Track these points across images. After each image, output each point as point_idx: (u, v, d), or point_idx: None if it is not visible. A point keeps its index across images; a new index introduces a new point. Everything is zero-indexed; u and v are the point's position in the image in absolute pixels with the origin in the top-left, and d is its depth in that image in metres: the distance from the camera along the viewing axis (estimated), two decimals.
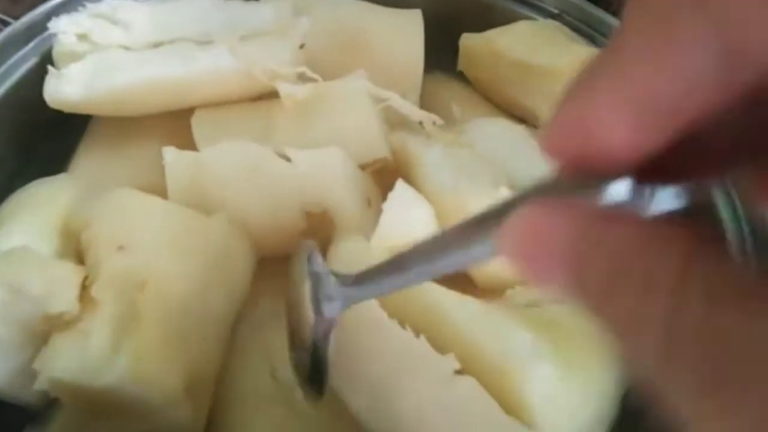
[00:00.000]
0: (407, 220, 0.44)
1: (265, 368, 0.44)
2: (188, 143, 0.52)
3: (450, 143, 0.52)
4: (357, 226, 0.46)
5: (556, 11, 0.64)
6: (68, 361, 0.38)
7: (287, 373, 0.38)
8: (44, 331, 0.41)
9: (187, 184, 0.49)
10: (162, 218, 0.44)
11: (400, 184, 0.44)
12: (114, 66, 0.52)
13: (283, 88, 0.52)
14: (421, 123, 0.54)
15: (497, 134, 0.54)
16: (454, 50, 0.65)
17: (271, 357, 0.45)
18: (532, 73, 0.58)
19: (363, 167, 0.51)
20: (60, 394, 0.39)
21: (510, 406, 0.36)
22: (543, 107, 0.57)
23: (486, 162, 0.49)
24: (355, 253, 0.44)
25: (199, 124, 0.53)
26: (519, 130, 0.54)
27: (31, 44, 0.58)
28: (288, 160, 0.47)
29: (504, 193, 0.42)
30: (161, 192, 0.49)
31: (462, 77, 0.67)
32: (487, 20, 0.64)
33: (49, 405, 0.43)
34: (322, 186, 0.47)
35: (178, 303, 0.41)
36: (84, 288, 0.42)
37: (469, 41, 0.64)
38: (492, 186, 0.45)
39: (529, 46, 0.59)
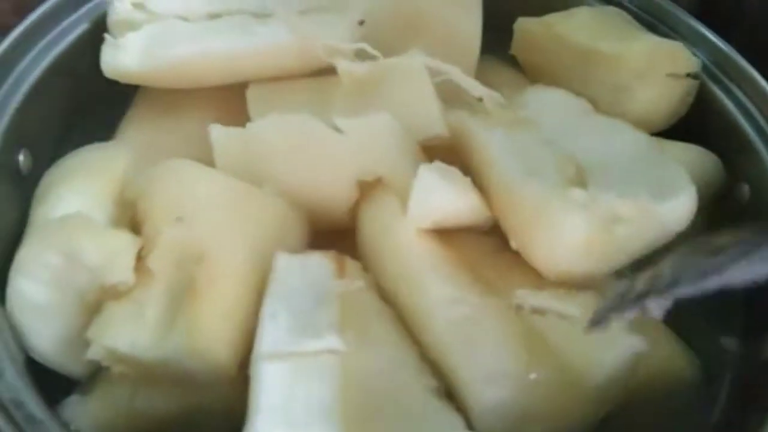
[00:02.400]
0: (438, 203, 0.43)
1: None
2: (238, 116, 0.51)
3: (510, 123, 0.50)
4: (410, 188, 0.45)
5: None
6: (123, 331, 0.38)
7: None
8: (96, 300, 0.41)
9: (235, 159, 0.48)
10: (219, 191, 0.44)
11: (423, 168, 0.43)
12: (172, 37, 0.51)
13: (342, 65, 0.51)
14: (480, 100, 0.52)
15: (558, 108, 0.52)
16: (504, 34, 0.64)
17: None
18: (594, 61, 0.56)
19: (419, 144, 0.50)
20: (112, 363, 0.39)
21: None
22: (604, 95, 0.55)
23: (550, 146, 0.47)
24: (386, 216, 0.44)
25: (254, 98, 0.52)
26: (580, 102, 0.52)
27: (83, 9, 0.57)
28: (338, 131, 0.46)
29: (576, 195, 0.40)
30: (210, 165, 0.48)
31: (511, 61, 0.65)
32: (540, 4, 0.63)
33: (92, 375, 0.43)
34: (376, 152, 0.46)
35: (235, 276, 0.40)
36: (139, 259, 0.41)
37: (526, 25, 0.62)
38: (558, 174, 0.44)
39: (591, 32, 0.57)
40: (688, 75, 0.55)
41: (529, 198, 0.42)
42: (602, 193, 0.40)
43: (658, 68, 0.54)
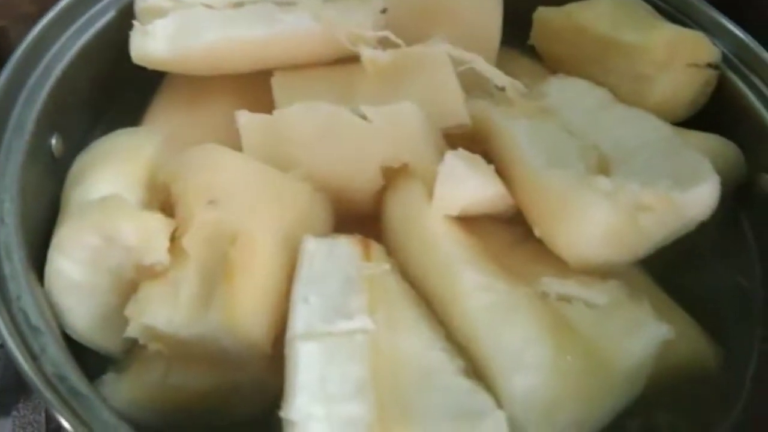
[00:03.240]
0: (463, 191, 0.44)
1: None
2: (263, 103, 0.52)
3: (533, 113, 0.51)
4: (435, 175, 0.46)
5: None
6: (160, 309, 0.39)
7: None
8: (132, 280, 0.42)
9: (261, 146, 0.49)
10: (250, 174, 0.45)
11: (449, 156, 0.44)
12: (198, 25, 0.52)
13: (366, 53, 0.52)
14: (502, 89, 0.53)
15: (579, 97, 0.53)
16: (524, 24, 0.64)
17: None
18: (614, 50, 0.57)
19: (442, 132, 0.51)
20: (149, 341, 0.40)
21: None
22: (625, 85, 0.56)
23: (573, 135, 0.48)
24: (412, 203, 0.45)
25: (280, 86, 0.53)
26: (602, 92, 0.53)
27: None
28: (364, 119, 0.47)
29: (604, 184, 0.41)
30: (236, 150, 0.49)
31: (530, 52, 0.65)
32: None
33: (126, 353, 0.44)
34: (400, 140, 0.47)
35: (267, 257, 0.41)
36: (173, 240, 0.42)
37: (546, 14, 0.62)
38: (581, 163, 0.45)
39: (612, 22, 0.57)
40: (709, 65, 0.56)
41: (553, 187, 0.43)
42: (626, 182, 0.41)
43: (679, 58, 0.55)
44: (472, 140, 0.51)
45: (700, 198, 0.42)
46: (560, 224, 0.42)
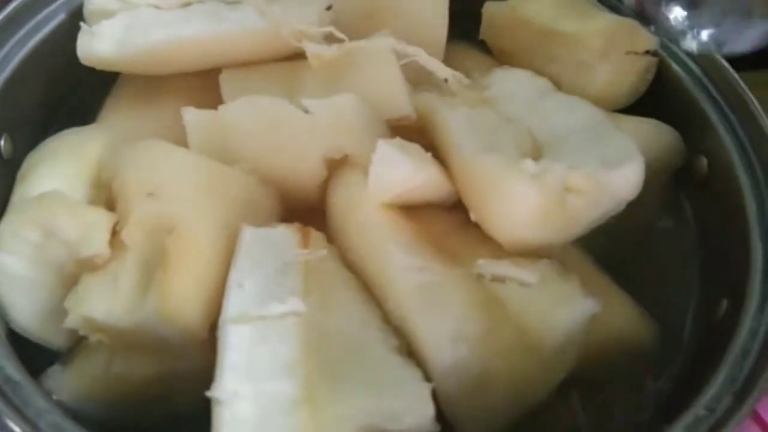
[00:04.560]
0: (396, 177, 0.45)
1: None
2: (214, 101, 0.52)
3: (474, 103, 0.52)
4: None
5: None
6: (99, 300, 0.40)
7: None
8: (74, 273, 0.43)
9: (207, 141, 0.50)
10: (190, 168, 0.45)
11: (381, 143, 0.44)
12: (146, 25, 0.53)
13: (310, 48, 0.52)
14: (446, 81, 0.54)
15: (520, 87, 0.54)
16: (475, 19, 0.65)
17: None
18: (556, 41, 0.58)
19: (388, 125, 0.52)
20: (89, 332, 0.40)
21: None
22: (567, 74, 0.57)
23: (510, 123, 0.49)
24: (351, 191, 0.46)
25: (227, 83, 0.54)
26: (542, 82, 0.54)
27: (60, 1, 0.58)
28: (306, 112, 0.48)
29: (528, 165, 0.42)
30: (187, 147, 0.49)
31: (482, 46, 0.67)
32: None
33: (72, 346, 0.45)
34: (341, 131, 0.48)
35: (206, 248, 0.42)
36: (114, 234, 0.43)
37: (492, 9, 0.64)
38: (515, 149, 0.46)
39: (554, 14, 0.59)
40: (647, 52, 0.57)
41: (485, 171, 0.44)
42: (553, 164, 0.42)
43: (617, 46, 0.56)
44: (418, 132, 0.52)
45: (626, 178, 0.43)
46: (491, 207, 0.43)
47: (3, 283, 0.42)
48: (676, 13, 0.48)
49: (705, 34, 0.50)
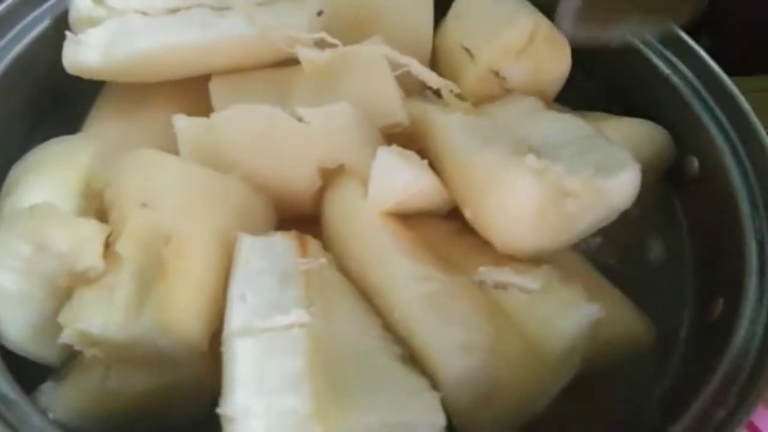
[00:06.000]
0: (396, 185, 0.44)
1: None
2: (203, 108, 0.52)
3: (468, 111, 0.52)
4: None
5: None
6: (95, 314, 0.39)
7: None
8: (66, 287, 0.42)
9: (199, 149, 0.49)
10: (184, 177, 0.45)
11: (381, 151, 0.44)
12: (132, 32, 0.52)
13: (304, 53, 0.52)
14: (434, 91, 0.54)
15: (510, 104, 0.54)
16: None
17: None
18: None
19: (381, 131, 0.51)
20: (85, 347, 0.40)
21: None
22: None
23: (506, 130, 0.49)
24: (349, 200, 0.46)
25: (217, 90, 0.53)
26: (531, 100, 0.55)
27: (44, 6, 0.57)
28: (300, 120, 0.48)
29: (531, 161, 0.42)
30: (176, 155, 0.49)
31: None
32: None
33: (65, 361, 0.44)
34: (336, 140, 0.47)
35: (204, 258, 0.42)
36: (107, 245, 0.42)
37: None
38: (515, 153, 0.46)
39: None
40: None
41: (484, 165, 0.43)
42: (554, 164, 0.42)
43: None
44: (410, 139, 0.52)
45: (622, 185, 0.43)
46: (490, 202, 0.43)
47: None
48: None
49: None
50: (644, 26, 0.56)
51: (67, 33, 0.52)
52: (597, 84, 0.63)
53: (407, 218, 0.47)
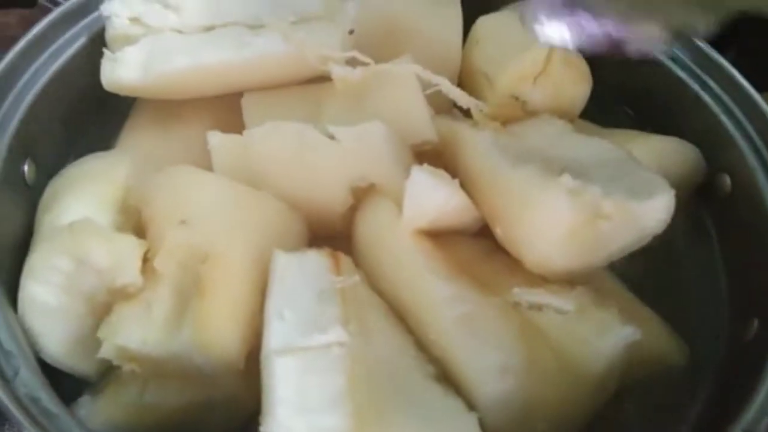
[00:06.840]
0: (431, 204, 0.45)
1: None
2: (235, 125, 0.53)
3: (497, 130, 0.52)
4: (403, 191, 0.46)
5: None
6: (133, 330, 0.39)
7: None
8: (105, 302, 0.42)
9: (232, 166, 0.49)
10: (220, 193, 0.45)
11: (416, 170, 0.44)
12: (169, 50, 0.53)
13: (336, 71, 0.52)
14: (462, 109, 0.54)
15: (540, 126, 0.54)
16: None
17: None
18: None
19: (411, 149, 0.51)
20: (123, 362, 0.40)
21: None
22: None
23: (537, 149, 0.49)
24: (382, 220, 0.46)
25: (249, 106, 0.54)
26: (561, 122, 0.54)
27: (81, 24, 0.58)
28: (332, 138, 0.48)
29: (567, 181, 0.42)
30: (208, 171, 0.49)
31: None
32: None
33: (102, 376, 0.44)
34: (367, 159, 0.47)
35: (239, 274, 0.42)
36: (145, 261, 0.42)
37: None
38: (548, 172, 0.46)
39: None
40: None
41: (518, 183, 0.43)
42: (590, 185, 0.42)
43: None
44: (439, 157, 0.52)
45: (656, 209, 0.42)
46: (523, 221, 0.42)
47: (34, 313, 0.42)
48: None
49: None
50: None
51: (105, 51, 0.53)
52: (626, 101, 0.63)
53: (438, 238, 0.47)
